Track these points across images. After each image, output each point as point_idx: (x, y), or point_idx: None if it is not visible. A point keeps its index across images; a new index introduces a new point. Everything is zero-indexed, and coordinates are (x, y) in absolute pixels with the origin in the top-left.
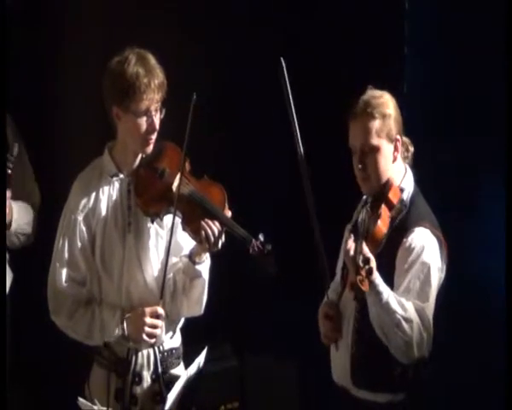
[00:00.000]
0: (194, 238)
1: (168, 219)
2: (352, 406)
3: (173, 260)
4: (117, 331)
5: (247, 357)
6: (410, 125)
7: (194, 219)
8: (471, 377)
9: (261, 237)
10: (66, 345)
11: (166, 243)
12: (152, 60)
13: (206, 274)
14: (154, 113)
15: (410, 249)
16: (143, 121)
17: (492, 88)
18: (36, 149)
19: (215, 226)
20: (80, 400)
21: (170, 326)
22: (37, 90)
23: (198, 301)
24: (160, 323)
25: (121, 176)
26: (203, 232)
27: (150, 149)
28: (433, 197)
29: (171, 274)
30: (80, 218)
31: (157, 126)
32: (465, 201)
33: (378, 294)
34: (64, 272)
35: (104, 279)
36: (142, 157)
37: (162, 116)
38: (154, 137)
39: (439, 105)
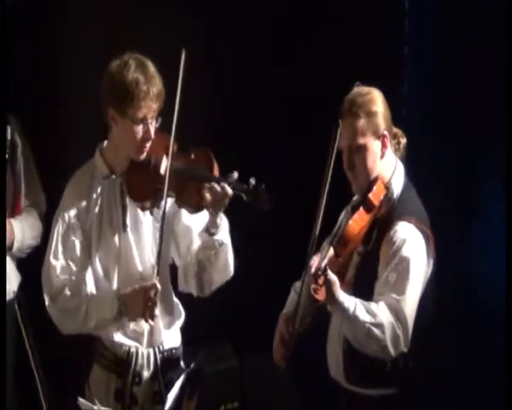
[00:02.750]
0: (192, 211)
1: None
2: (348, 399)
3: (186, 242)
4: (113, 308)
5: (247, 357)
6: (410, 125)
7: (186, 193)
8: (471, 376)
9: (252, 181)
10: (66, 346)
11: (160, 222)
12: (151, 67)
13: (227, 239)
14: (150, 121)
15: (391, 243)
16: (139, 129)
17: (492, 88)
18: (37, 149)
19: (214, 188)
20: (80, 400)
21: (169, 326)
22: (37, 90)
23: (225, 266)
24: (157, 300)
25: (113, 177)
26: (207, 195)
27: (144, 156)
28: (433, 197)
29: (194, 253)
30: (74, 220)
31: (152, 135)
32: (465, 201)
33: (344, 310)
34: (59, 268)
35: (100, 278)
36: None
37: (158, 125)
38: (148, 145)
39: (439, 105)
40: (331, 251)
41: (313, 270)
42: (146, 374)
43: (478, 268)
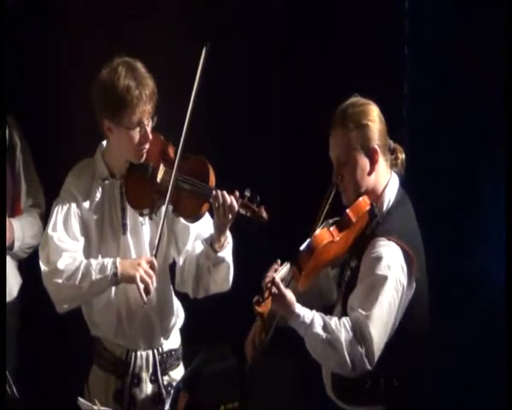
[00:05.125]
0: (189, 221)
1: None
2: None
3: (184, 241)
4: (109, 267)
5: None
6: (410, 125)
7: (183, 204)
8: (472, 377)
9: (247, 193)
10: (65, 347)
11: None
12: (141, 69)
13: (229, 258)
14: (146, 123)
15: (368, 259)
16: (136, 133)
17: (492, 87)
18: (36, 150)
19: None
20: (80, 400)
21: (168, 327)
22: (37, 90)
23: (224, 280)
24: (154, 275)
25: (112, 179)
26: (216, 203)
27: (143, 158)
28: (433, 197)
29: (194, 257)
30: (74, 207)
31: (150, 136)
32: (465, 200)
33: (300, 324)
34: (57, 238)
35: None
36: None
37: (154, 124)
38: (147, 146)
39: (439, 105)
40: (289, 264)
41: (266, 280)
42: (145, 375)
43: (478, 268)
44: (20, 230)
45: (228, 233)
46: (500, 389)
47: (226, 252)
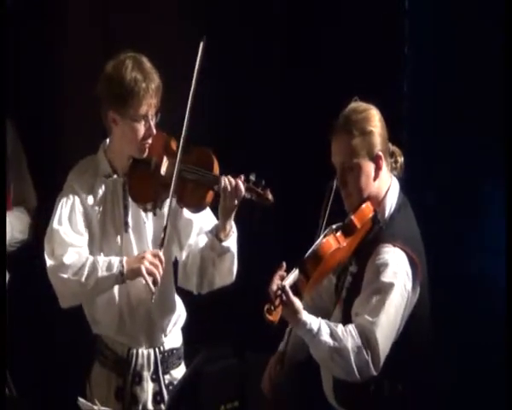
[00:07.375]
0: (194, 211)
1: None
2: None
3: (187, 235)
4: (115, 265)
5: (247, 356)
6: (409, 125)
7: (187, 194)
8: (471, 377)
9: (253, 178)
10: (66, 344)
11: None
12: (147, 63)
13: (234, 248)
14: (151, 117)
15: (374, 265)
16: (141, 126)
17: (492, 87)
18: (34, 148)
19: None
20: (80, 400)
21: (170, 326)
22: (37, 90)
23: (229, 272)
24: (160, 266)
25: (115, 176)
26: (222, 187)
27: (146, 154)
28: (432, 197)
29: (198, 250)
30: (78, 203)
31: (154, 131)
32: (465, 201)
33: (307, 332)
34: (62, 232)
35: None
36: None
37: (157, 120)
38: (150, 141)
39: (439, 105)
40: (297, 271)
41: (274, 288)
42: (146, 374)
43: (478, 268)
44: (9, 224)
45: (233, 222)
46: (501, 390)
47: (231, 241)
